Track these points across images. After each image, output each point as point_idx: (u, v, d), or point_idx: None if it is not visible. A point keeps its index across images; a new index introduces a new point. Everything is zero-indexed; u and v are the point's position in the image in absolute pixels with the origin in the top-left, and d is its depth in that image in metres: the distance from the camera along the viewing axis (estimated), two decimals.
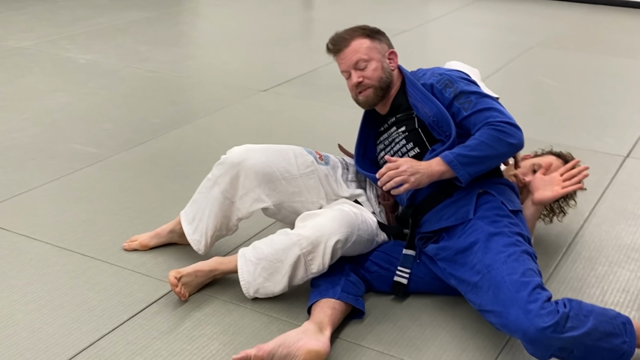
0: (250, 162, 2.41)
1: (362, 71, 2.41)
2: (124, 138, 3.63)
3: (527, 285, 1.99)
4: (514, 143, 2.23)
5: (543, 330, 1.89)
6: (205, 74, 4.69)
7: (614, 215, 2.94)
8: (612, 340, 1.94)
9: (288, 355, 2.01)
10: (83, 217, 2.85)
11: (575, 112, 4.11)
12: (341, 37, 2.44)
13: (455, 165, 2.19)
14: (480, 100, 2.29)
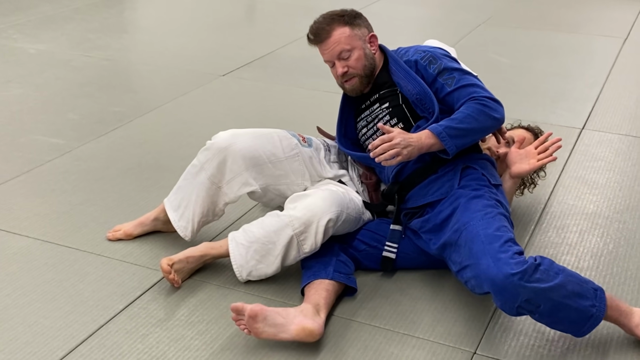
0: (237, 147, 2.44)
1: (345, 61, 2.46)
2: (88, 128, 3.59)
3: (500, 238, 2.07)
4: (497, 117, 2.32)
5: (511, 276, 1.95)
6: (161, 60, 4.65)
7: (578, 185, 3.07)
8: (580, 301, 2.02)
9: (282, 325, 2.06)
10: (60, 209, 2.83)
11: (529, 87, 4.25)
12: (321, 28, 2.47)
13: (444, 137, 2.26)
14: (463, 77, 2.38)
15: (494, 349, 2.10)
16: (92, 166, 3.19)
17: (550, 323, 2.06)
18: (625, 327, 2.12)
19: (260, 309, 2.04)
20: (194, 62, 4.61)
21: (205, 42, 5.09)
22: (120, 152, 3.34)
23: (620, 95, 4.13)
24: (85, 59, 4.62)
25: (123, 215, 2.78)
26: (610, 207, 2.90)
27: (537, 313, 2.01)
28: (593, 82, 4.34)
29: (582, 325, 2.04)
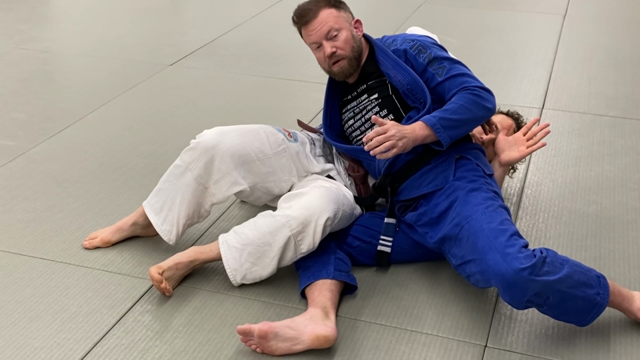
0: (225, 145, 2.33)
1: (333, 41, 2.38)
2: (37, 127, 3.39)
3: (505, 232, 2.06)
4: (489, 107, 2.30)
5: (521, 271, 1.95)
6: (101, 50, 4.44)
7: (548, 166, 3.10)
8: (586, 290, 2.04)
9: (295, 338, 2.00)
10: (25, 217, 2.65)
11: (482, 68, 4.25)
12: (307, 9, 2.39)
13: (438, 129, 2.22)
14: (454, 66, 2.34)
15: (504, 341, 2.09)
16: (50, 169, 3.01)
17: (557, 315, 2.07)
18: (628, 311, 2.14)
19: (269, 327, 1.97)
20: (137, 52, 4.42)
21: (141, 30, 4.88)
22: (78, 152, 3.16)
23: (571, 72, 4.19)
24: (20, 51, 4.36)
25: (95, 221, 2.63)
26: (584, 188, 2.93)
27: (545, 305, 2.02)
28: (542, 59, 4.39)
29: (588, 314, 2.06)
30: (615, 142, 3.33)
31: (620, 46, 4.67)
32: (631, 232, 2.62)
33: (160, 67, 4.17)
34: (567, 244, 2.55)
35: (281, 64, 4.28)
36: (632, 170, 3.06)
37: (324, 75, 4.07)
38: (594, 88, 3.97)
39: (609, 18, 5.33)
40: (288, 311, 2.19)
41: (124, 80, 3.94)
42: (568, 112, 3.66)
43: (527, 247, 2.03)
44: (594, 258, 2.48)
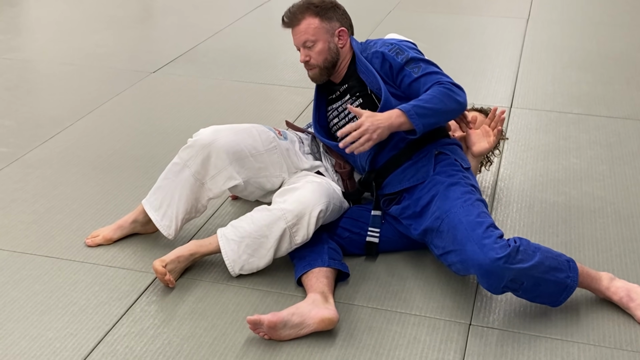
0: (220, 142, 2.49)
1: (309, 50, 2.57)
2: (29, 133, 3.50)
3: (482, 224, 2.23)
4: (460, 101, 2.46)
5: (497, 260, 2.13)
6: (83, 59, 4.55)
7: (519, 160, 3.29)
8: (557, 274, 2.23)
9: (302, 323, 2.15)
10: (26, 219, 2.77)
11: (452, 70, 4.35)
12: (293, 14, 2.58)
13: (412, 116, 2.35)
14: (428, 66, 2.52)
15: (486, 319, 2.27)
16: (46, 173, 3.12)
17: (531, 298, 2.25)
18: (597, 291, 2.33)
19: (278, 318, 2.12)
20: (118, 60, 4.54)
21: (120, 38, 5.01)
22: (71, 156, 3.28)
23: (536, 73, 4.41)
24: (3, 61, 4.46)
25: (94, 220, 2.76)
26: (553, 179, 3.13)
27: (520, 290, 2.21)
28: (508, 61, 4.61)
29: (559, 295, 2.25)
30: (580, 137, 3.54)
31: (582, 47, 4.92)
32: (598, 218, 2.83)
33: (144, 74, 4.30)
34: (539, 231, 2.75)
35: (260, 69, 4.44)
36: (597, 163, 3.27)
37: (302, 80, 4.28)
38: (559, 87, 4.19)
39: (569, 21, 5.59)
40: (285, 298, 2.34)
41: (109, 88, 4.07)
42: (535, 110, 3.87)
43: (502, 237, 2.21)
44: (564, 243, 2.67)
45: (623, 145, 3.45)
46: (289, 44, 4.85)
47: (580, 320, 2.27)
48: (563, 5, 6.08)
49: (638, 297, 2.28)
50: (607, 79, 4.34)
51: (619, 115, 3.80)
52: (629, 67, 4.55)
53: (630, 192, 3.03)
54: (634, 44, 5.03)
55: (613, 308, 2.31)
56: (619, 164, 3.26)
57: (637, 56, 4.76)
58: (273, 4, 5.98)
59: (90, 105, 3.83)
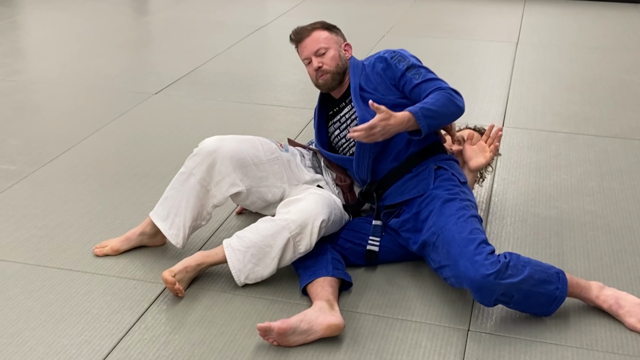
0: (225, 149, 2.60)
1: (321, 57, 2.70)
2: (36, 152, 3.60)
3: (474, 241, 2.35)
4: (460, 105, 2.62)
5: (487, 276, 2.25)
6: (87, 81, 4.67)
7: (512, 176, 3.42)
8: (546, 286, 2.34)
9: (309, 329, 2.25)
10: (38, 233, 2.86)
11: None
12: (303, 29, 2.75)
13: (419, 117, 2.48)
14: (428, 73, 2.68)
15: (484, 325, 2.37)
16: (55, 189, 3.22)
17: (522, 309, 2.37)
18: (587, 300, 2.44)
19: (287, 325, 2.22)
20: (121, 82, 4.66)
21: (122, 61, 5.13)
22: (78, 173, 3.38)
23: (526, 94, 4.56)
24: (8, 83, 4.57)
25: (103, 234, 2.86)
26: (545, 195, 3.25)
27: (511, 302, 2.32)
28: (499, 83, 4.76)
29: (549, 306, 2.36)
30: (570, 154, 3.67)
31: (570, 70, 5.08)
32: (589, 231, 2.95)
33: (146, 95, 4.41)
34: (533, 243, 2.86)
35: (258, 90, 4.57)
36: (587, 179, 3.40)
37: (300, 101, 4.42)
38: (548, 107, 4.34)
39: (557, 45, 5.76)
40: (291, 307, 2.44)
41: (113, 109, 4.18)
42: (526, 129, 4.01)
43: (494, 253, 2.32)
44: (557, 254, 2.78)
45: (611, 163, 3.58)
46: (286, 66, 5.04)
47: (573, 326, 2.37)
48: (551, 30, 6.26)
49: (627, 304, 2.39)
50: (595, 99, 4.49)
51: (606, 134, 3.94)
52: (616, 89, 4.70)
53: (619, 206, 3.16)
54: (620, 66, 5.20)
55: (604, 314, 2.42)
56: (608, 180, 3.39)
57: (624, 78, 4.93)
58: (270, 28, 6.13)
59: (95, 124, 3.94)
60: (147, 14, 6.87)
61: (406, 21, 6.48)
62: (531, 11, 6.93)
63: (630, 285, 2.58)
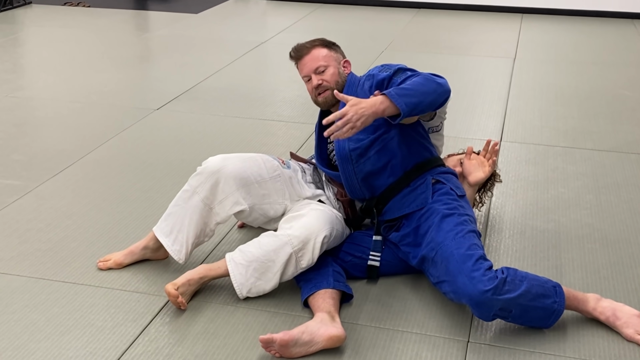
0: (228, 169, 2.64)
1: (321, 75, 2.73)
2: (40, 167, 3.64)
3: (472, 257, 2.39)
4: (440, 82, 2.57)
5: (485, 292, 2.29)
6: (89, 97, 4.72)
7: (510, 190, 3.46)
8: (544, 300, 2.38)
9: (311, 341, 2.28)
10: (42, 247, 2.90)
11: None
12: (303, 46, 2.78)
13: (392, 96, 2.44)
14: (414, 72, 2.65)
15: (483, 337, 2.40)
16: (58, 204, 3.26)
17: (521, 323, 2.40)
18: (584, 312, 2.48)
19: (289, 336, 2.25)
20: (123, 98, 4.71)
21: (124, 78, 5.18)
22: (81, 188, 3.42)
23: (524, 109, 4.61)
24: (11, 99, 4.62)
25: (107, 248, 2.89)
26: (543, 208, 3.29)
27: (509, 317, 2.36)
28: (497, 98, 4.81)
29: (548, 319, 2.40)
30: (567, 168, 3.72)
31: (567, 84, 5.13)
32: (586, 244, 2.98)
33: (148, 111, 4.46)
34: (531, 256, 2.89)
35: (259, 105, 4.61)
36: (584, 192, 3.44)
37: (300, 116, 4.47)
38: (545, 122, 4.38)
39: (554, 60, 5.82)
40: (292, 319, 2.47)
41: (115, 124, 4.22)
42: (524, 143, 4.05)
43: (491, 269, 2.36)
44: (555, 267, 2.82)
45: (608, 176, 3.62)
46: (286, 82, 5.10)
47: (571, 337, 2.40)
48: (548, 45, 6.32)
49: (624, 315, 2.43)
50: (591, 114, 4.54)
51: (603, 148, 3.99)
52: (613, 103, 4.75)
53: (616, 219, 3.19)
54: (616, 81, 5.25)
55: (602, 326, 2.45)
56: (605, 193, 3.43)
57: (620, 92, 4.98)
58: (270, 45, 6.19)
59: (98, 140, 3.98)
60: (149, 30, 6.94)
61: (404, 37, 6.55)
62: (528, 27, 7.00)
63: (628, 297, 2.62)
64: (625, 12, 7.46)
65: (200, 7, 7.74)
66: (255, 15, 7.60)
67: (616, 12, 7.48)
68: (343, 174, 2.71)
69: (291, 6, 7.86)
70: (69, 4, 7.80)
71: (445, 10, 7.73)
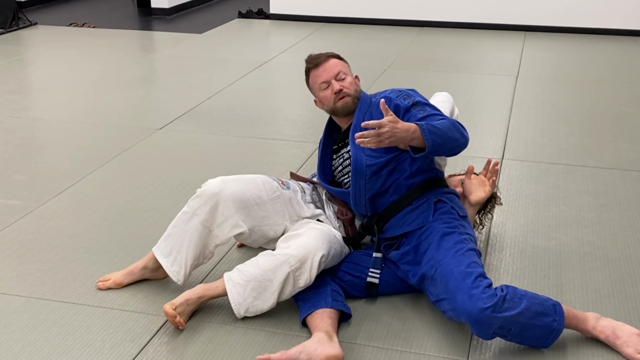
0: (227, 192, 2.64)
1: (341, 81, 2.76)
2: (42, 187, 3.65)
3: (471, 275, 2.38)
4: (465, 134, 2.64)
5: (484, 310, 2.28)
6: (92, 117, 4.74)
7: (511, 208, 3.45)
8: (543, 318, 2.36)
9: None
10: (42, 267, 2.90)
11: None
12: (320, 55, 2.82)
13: (424, 130, 2.50)
14: (434, 110, 2.70)
15: (482, 356, 2.39)
16: (59, 224, 3.27)
17: (520, 341, 2.39)
18: (584, 331, 2.46)
19: (287, 356, 2.25)
20: (126, 118, 4.73)
21: (127, 98, 5.21)
22: (82, 208, 3.43)
23: (526, 127, 4.61)
24: (14, 120, 4.65)
25: (106, 268, 2.89)
26: (544, 226, 3.28)
27: (509, 335, 2.34)
28: (499, 116, 4.82)
29: (547, 338, 2.38)
30: (569, 186, 3.71)
31: (569, 103, 5.14)
32: (587, 262, 2.97)
33: (150, 131, 4.48)
34: (531, 275, 2.88)
35: (260, 125, 4.63)
36: (586, 210, 3.43)
37: (302, 135, 4.47)
38: (547, 140, 4.38)
39: (556, 79, 5.83)
40: (290, 339, 2.46)
41: (117, 144, 4.24)
42: (526, 161, 4.05)
43: (491, 287, 2.35)
44: (555, 286, 2.81)
45: (610, 194, 3.61)
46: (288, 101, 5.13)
47: (571, 357, 2.39)
48: (551, 64, 6.34)
49: (624, 334, 2.41)
50: (593, 131, 4.53)
51: (605, 165, 3.98)
52: (614, 121, 4.75)
53: (617, 237, 3.18)
54: (618, 98, 5.25)
55: (602, 345, 2.44)
56: (606, 211, 3.42)
57: (622, 110, 4.98)
58: (271, 65, 6.21)
59: (100, 160, 4.00)
60: (153, 51, 6.98)
61: (407, 56, 6.57)
62: (531, 45, 7.02)
63: (629, 315, 2.60)
64: (628, 30, 7.48)
65: (204, 28, 7.80)
66: (258, 35, 7.65)
67: (619, 30, 7.50)
68: (354, 187, 2.71)
69: (294, 26, 7.91)
70: (75, 25, 7.87)
71: (447, 28, 7.77)
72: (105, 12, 8.95)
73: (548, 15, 7.64)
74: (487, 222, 3.18)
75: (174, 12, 8.78)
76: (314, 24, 7.97)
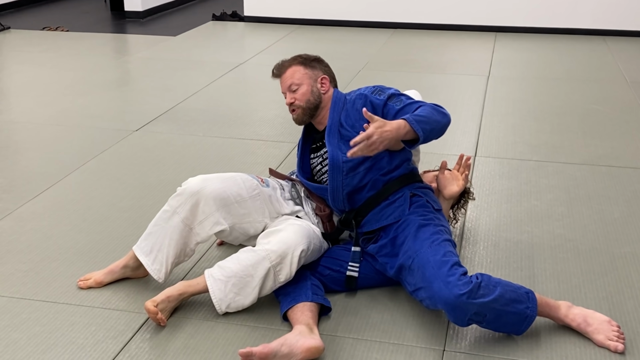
0: (208, 190, 2.68)
1: (293, 93, 2.81)
2: (20, 189, 3.66)
3: (447, 263, 2.45)
4: (446, 114, 2.73)
5: (460, 296, 2.34)
6: (68, 120, 4.75)
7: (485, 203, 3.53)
8: (517, 305, 2.44)
9: (290, 353, 2.32)
10: (23, 267, 2.92)
11: None
12: (282, 64, 2.87)
13: (411, 122, 2.56)
14: (410, 99, 2.77)
15: (459, 345, 2.46)
16: (39, 225, 3.28)
17: (495, 328, 2.46)
18: (556, 318, 2.54)
19: (268, 349, 2.29)
20: (102, 120, 4.75)
21: (103, 101, 5.23)
22: (61, 210, 3.45)
23: (497, 125, 4.71)
24: None
25: (87, 268, 2.92)
26: (516, 220, 3.36)
27: (484, 322, 2.41)
28: (471, 114, 4.91)
29: (521, 325, 2.45)
30: (540, 182, 3.80)
31: (539, 101, 5.25)
32: (559, 254, 3.05)
33: (127, 132, 4.50)
34: (505, 266, 2.96)
35: (238, 125, 4.67)
36: (556, 205, 3.52)
37: (279, 134, 4.52)
38: (519, 137, 4.48)
39: (527, 78, 5.94)
40: (272, 333, 2.51)
41: (95, 146, 4.26)
42: (498, 158, 4.14)
43: (466, 274, 2.42)
44: (528, 277, 2.88)
45: (579, 189, 3.71)
46: (264, 102, 5.17)
47: (544, 344, 2.46)
48: (521, 63, 6.46)
49: (594, 321, 2.49)
50: (563, 128, 4.64)
51: (575, 161, 4.08)
52: (583, 118, 4.86)
53: (587, 229, 3.27)
54: (587, 96, 5.37)
55: (573, 332, 2.51)
56: (576, 205, 3.51)
57: (590, 108, 5.09)
58: (248, 66, 6.26)
59: (77, 161, 4.02)
60: (127, 53, 6.99)
61: (381, 57, 6.65)
62: (502, 45, 7.14)
63: (599, 304, 2.69)
64: (597, 29, 7.64)
65: (178, 30, 7.83)
66: (233, 37, 7.69)
67: (588, 30, 7.65)
68: (331, 183, 2.77)
69: (269, 28, 7.97)
70: (48, 29, 7.85)
71: (420, 30, 7.87)
72: (79, 15, 8.94)
73: (518, 16, 7.77)
74: (461, 217, 3.25)
75: (147, 15, 8.80)
76: (288, 26, 8.03)
